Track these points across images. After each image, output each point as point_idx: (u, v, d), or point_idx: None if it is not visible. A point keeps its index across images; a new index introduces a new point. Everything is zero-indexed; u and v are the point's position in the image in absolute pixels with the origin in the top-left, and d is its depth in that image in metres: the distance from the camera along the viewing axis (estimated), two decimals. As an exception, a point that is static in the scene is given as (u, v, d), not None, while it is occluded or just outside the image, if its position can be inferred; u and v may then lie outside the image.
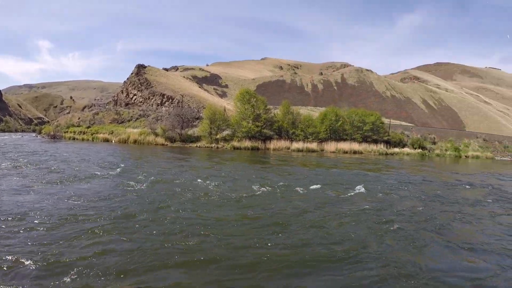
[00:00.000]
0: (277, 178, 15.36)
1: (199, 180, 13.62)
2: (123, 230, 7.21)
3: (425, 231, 8.08)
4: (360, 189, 13.10)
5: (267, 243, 6.73)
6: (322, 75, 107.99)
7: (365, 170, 21.07)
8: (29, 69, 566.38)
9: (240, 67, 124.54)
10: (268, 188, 12.56)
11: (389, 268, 5.86)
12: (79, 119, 54.08)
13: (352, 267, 5.85)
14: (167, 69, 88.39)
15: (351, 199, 11.43)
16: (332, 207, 10.12)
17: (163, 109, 52.65)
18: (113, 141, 40.19)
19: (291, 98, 75.52)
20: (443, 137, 52.33)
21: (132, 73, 66.40)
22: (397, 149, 43.16)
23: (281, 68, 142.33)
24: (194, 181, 13.35)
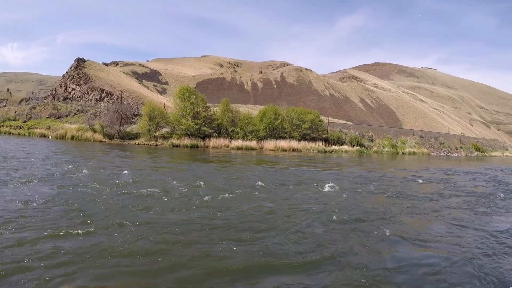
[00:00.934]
0: (214, 177, 14.37)
1: (134, 181, 11.99)
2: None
3: (379, 226, 8.11)
4: (303, 187, 12.79)
5: (208, 248, 6.38)
6: (262, 73, 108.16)
7: (305, 167, 21.09)
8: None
9: (180, 64, 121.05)
10: (204, 188, 11.60)
11: (346, 267, 5.79)
12: (15, 112, 51.31)
13: (308, 266, 5.70)
14: (107, 64, 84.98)
15: (293, 197, 11.01)
16: (275, 205, 9.78)
17: (102, 105, 51.51)
18: (50, 137, 38.90)
19: (231, 96, 74.97)
20: (380, 134, 54.66)
21: (71, 67, 63.76)
22: (335, 147, 44.47)
23: (222, 66, 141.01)
24: (128, 184, 11.69)
